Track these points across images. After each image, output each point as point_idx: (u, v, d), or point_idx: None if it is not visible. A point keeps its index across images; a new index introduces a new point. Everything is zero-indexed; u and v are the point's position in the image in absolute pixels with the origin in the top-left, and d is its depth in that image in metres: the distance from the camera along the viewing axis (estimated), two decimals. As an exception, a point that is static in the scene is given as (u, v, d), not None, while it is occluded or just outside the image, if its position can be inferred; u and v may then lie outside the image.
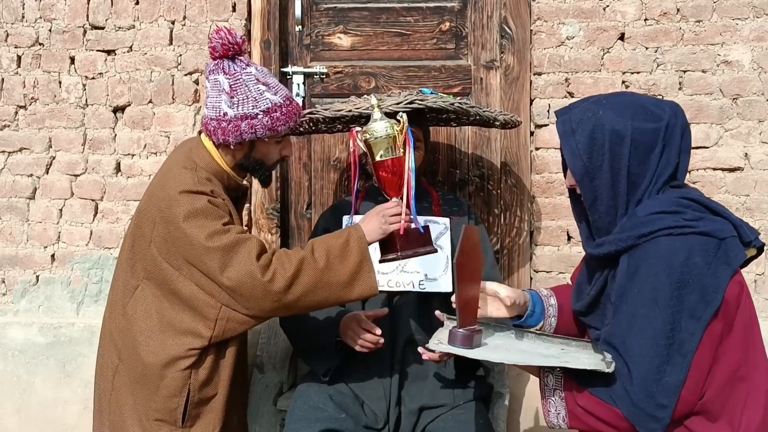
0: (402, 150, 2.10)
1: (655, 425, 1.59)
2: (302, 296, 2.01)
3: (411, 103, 2.25)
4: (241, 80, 2.10)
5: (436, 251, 2.17)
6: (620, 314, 1.67)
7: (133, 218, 2.18)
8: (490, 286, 1.98)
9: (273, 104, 2.11)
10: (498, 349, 1.84)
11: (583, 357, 1.73)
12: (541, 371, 1.74)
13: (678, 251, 1.60)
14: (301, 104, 2.94)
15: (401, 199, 2.10)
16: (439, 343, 1.86)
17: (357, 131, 2.12)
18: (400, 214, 2.07)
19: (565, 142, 1.76)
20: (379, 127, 2.08)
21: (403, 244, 2.10)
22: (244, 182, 2.26)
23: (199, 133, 2.24)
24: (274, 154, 2.22)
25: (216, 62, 2.13)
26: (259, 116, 2.09)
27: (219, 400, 2.14)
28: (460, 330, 1.82)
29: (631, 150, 1.68)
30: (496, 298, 1.97)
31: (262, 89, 2.11)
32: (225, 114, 2.09)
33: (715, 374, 1.62)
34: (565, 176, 1.91)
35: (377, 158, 2.09)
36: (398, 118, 2.11)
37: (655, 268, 1.61)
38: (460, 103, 2.36)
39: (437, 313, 2.07)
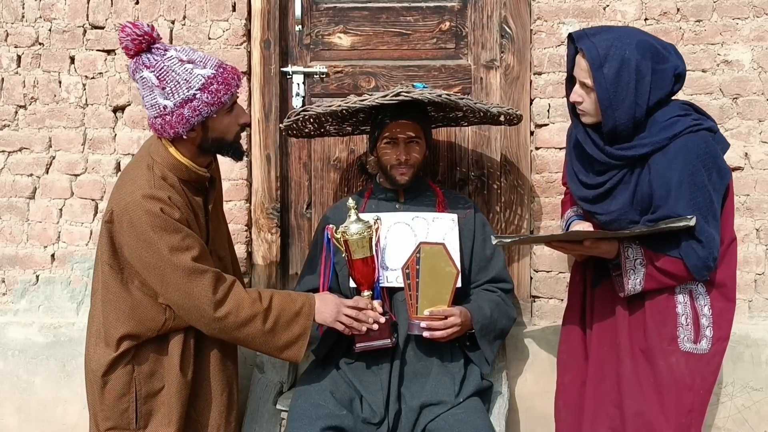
0: (375, 249, 2.30)
1: (708, 272, 2.13)
2: (239, 339, 2.13)
3: (397, 95, 2.25)
4: (165, 67, 2.02)
5: (391, 345, 2.30)
6: (673, 199, 2.10)
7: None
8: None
9: (207, 78, 2.03)
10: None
11: (659, 225, 2.11)
12: (621, 247, 2.17)
13: (699, 144, 2.10)
14: (301, 104, 2.94)
15: (370, 297, 2.29)
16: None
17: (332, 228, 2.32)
18: (354, 318, 2.22)
19: (594, 74, 2.11)
20: (354, 227, 2.28)
21: (361, 337, 2.28)
22: (205, 172, 2.19)
23: None
24: (232, 126, 2.14)
25: (134, 60, 2.05)
26: (198, 95, 2.02)
27: (169, 392, 2.10)
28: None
29: (651, 87, 2.12)
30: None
31: (189, 68, 2.03)
32: (165, 107, 2.03)
33: (725, 230, 2.18)
34: (568, 94, 2.24)
35: (355, 257, 2.28)
36: (371, 221, 2.31)
37: (689, 157, 2.09)
38: (447, 95, 2.34)
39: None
